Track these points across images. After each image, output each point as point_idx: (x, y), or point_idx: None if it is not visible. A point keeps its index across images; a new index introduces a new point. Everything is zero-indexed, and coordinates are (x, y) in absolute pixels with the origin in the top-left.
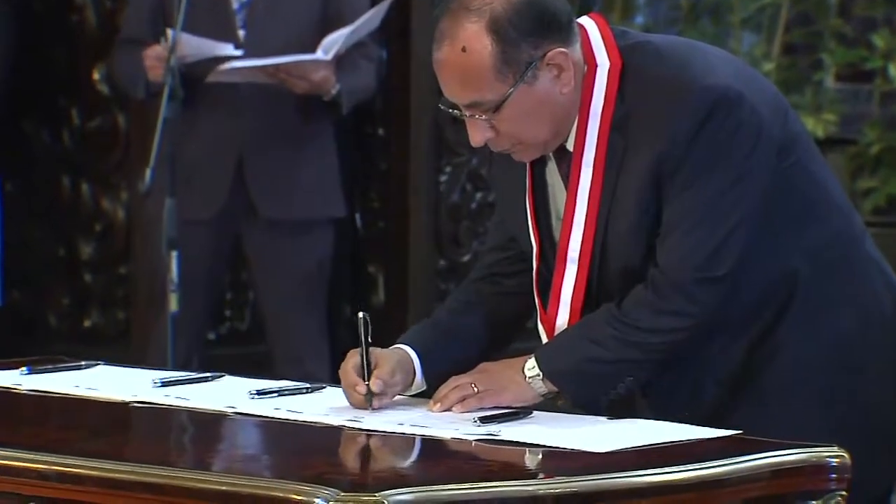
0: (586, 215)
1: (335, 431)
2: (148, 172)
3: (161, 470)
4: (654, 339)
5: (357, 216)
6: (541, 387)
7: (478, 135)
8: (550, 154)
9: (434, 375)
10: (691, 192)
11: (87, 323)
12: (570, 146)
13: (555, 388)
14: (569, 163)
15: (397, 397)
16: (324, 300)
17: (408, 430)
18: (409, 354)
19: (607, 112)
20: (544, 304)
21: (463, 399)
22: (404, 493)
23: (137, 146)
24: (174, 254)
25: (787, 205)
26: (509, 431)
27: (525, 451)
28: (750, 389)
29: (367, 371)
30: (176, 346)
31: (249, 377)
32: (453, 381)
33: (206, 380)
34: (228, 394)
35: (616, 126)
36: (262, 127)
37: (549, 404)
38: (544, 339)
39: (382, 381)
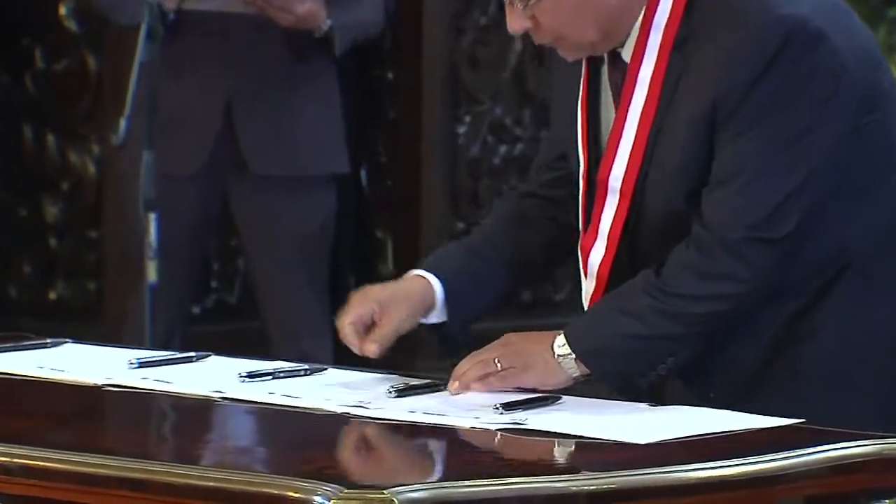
0: (634, 140)
1: (338, 420)
2: (122, 122)
3: (140, 463)
4: (698, 309)
5: (362, 172)
6: (572, 368)
7: (515, 23)
8: (605, 56)
9: (463, 309)
10: (750, 137)
11: (52, 295)
12: (626, 56)
13: (587, 370)
14: (623, 74)
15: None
16: (324, 269)
17: (420, 418)
18: (431, 286)
19: (671, 28)
20: (585, 228)
21: (484, 377)
22: (417, 490)
23: (110, 92)
24: (152, 215)
25: (857, 168)
26: (536, 420)
27: (554, 442)
28: (783, 367)
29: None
30: (155, 321)
31: (240, 357)
32: (474, 357)
33: (189, 360)
34: (216, 376)
35: (678, 45)
36: (254, 69)
37: (581, 388)
38: (581, 270)
39: (380, 345)
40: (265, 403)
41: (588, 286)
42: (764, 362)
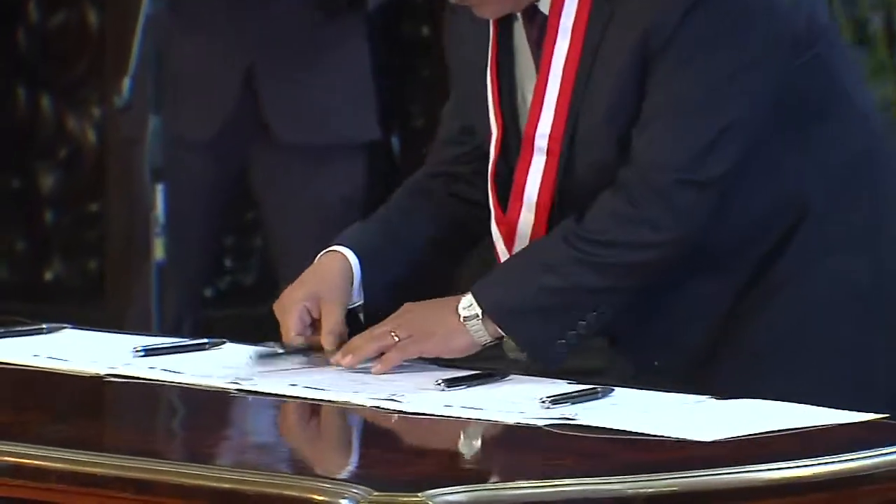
0: (559, 93)
1: (368, 414)
2: (126, 82)
3: (145, 462)
4: (622, 258)
5: (394, 139)
6: (480, 331)
7: None
8: (518, 15)
9: (375, 289)
10: (681, 75)
11: (48, 275)
12: (543, 7)
13: (500, 332)
14: (542, 27)
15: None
16: None
17: (458, 412)
18: (349, 261)
19: None
20: (503, 204)
21: (381, 352)
22: (455, 493)
23: (113, 48)
24: (160, 186)
25: (799, 107)
26: (587, 414)
27: (608, 439)
28: (741, 337)
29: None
30: (163, 304)
31: (257, 345)
32: (367, 332)
33: (202, 347)
34: (231, 366)
35: None
36: (277, 25)
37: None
38: (501, 250)
39: (336, 334)
40: (287, 396)
41: None
42: (714, 330)
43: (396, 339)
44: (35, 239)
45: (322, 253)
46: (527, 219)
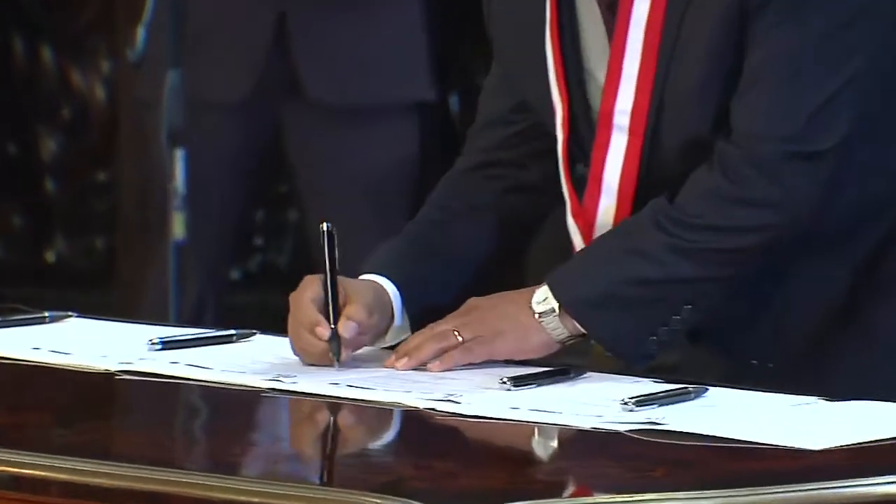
0: (640, 64)
1: (421, 418)
2: (140, 32)
3: (161, 473)
4: (723, 244)
5: (452, 99)
6: (558, 328)
7: None
8: None
9: (419, 315)
10: (786, 29)
11: (49, 255)
12: None
13: (580, 329)
14: None
15: (366, 350)
16: (403, 221)
17: (527, 416)
18: (383, 287)
19: None
20: (578, 194)
21: (442, 352)
22: None
23: None
24: (179, 153)
25: None
26: (677, 418)
27: (702, 447)
28: (860, 329)
29: (333, 307)
30: (182, 289)
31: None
32: (428, 330)
33: (229, 340)
34: (263, 361)
35: None
36: None
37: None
38: (578, 245)
39: (356, 322)
40: (326, 397)
41: None
42: (828, 322)
43: (460, 339)
44: (35, 213)
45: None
46: (607, 208)
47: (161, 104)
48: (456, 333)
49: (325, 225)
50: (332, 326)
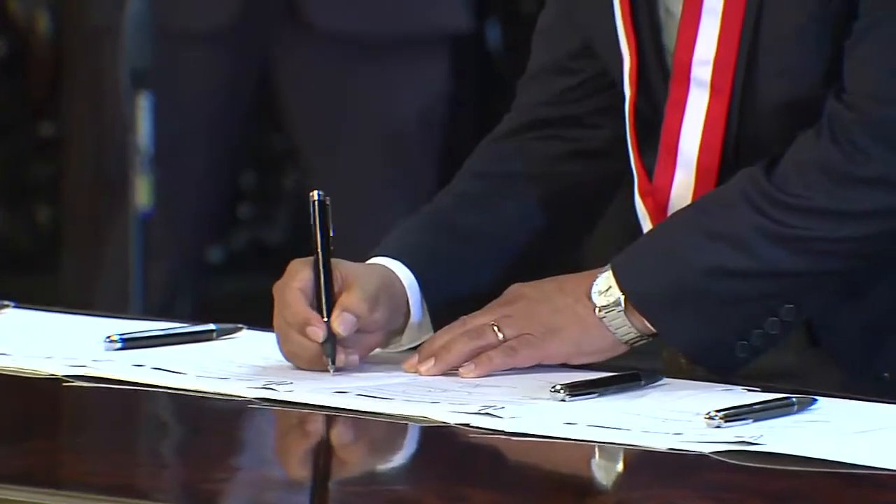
0: (724, 5)
1: (448, 435)
2: None
3: None
4: (835, 232)
5: (490, 29)
6: (623, 325)
7: None
8: None
9: (444, 311)
10: None
11: None
12: None
13: (650, 328)
14: None
15: (378, 352)
16: (432, 178)
17: (584, 433)
18: (394, 274)
19: None
20: (647, 165)
21: (478, 354)
22: None
23: None
24: (145, 98)
25: None
26: (777, 437)
27: (809, 473)
28: None
29: (326, 298)
30: (148, 272)
31: None
32: (459, 325)
33: (207, 336)
34: (250, 362)
35: None
36: None
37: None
38: (646, 229)
39: (354, 314)
40: (330, 409)
41: None
42: None
43: (501, 336)
44: None
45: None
46: (683, 184)
47: (120, 35)
48: (496, 329)
49: (315, 194)
50: (326, 320)
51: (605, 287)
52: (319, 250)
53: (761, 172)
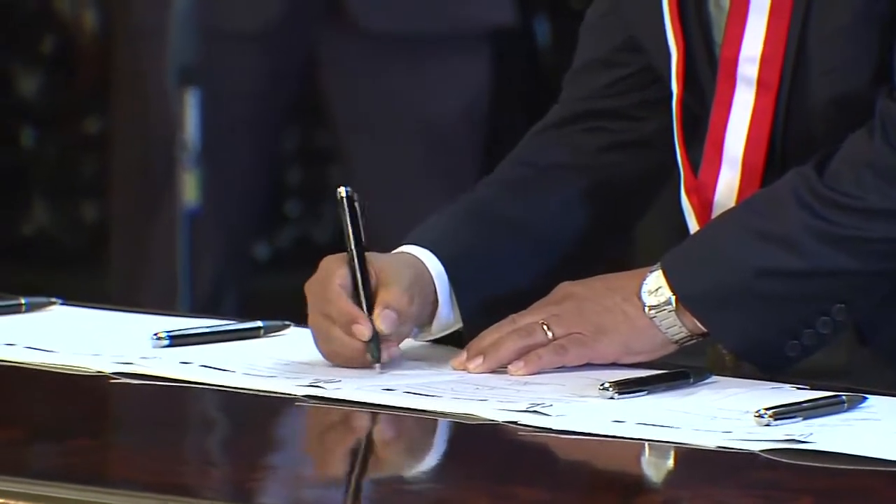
0: (771, 2)
1: (496, 433)
2: None
3: (168, 501)
4: (885, 230)
5: (537, 24)
6: (674, 325)
7: None
8: None
9: (479, 308)
10: None
11: (26, 227)
12: None
13: (701, 328)
14: None
15: (418, 346)
16: (473, 175)
17: (634, 431)
18: (422, 263)
19: None
20: (693, 161)
21: (527, 352)
22: None
23: None
24: (191, 95)
25: None
26: (827, 435)
27: (859, 471)
28: None
29: (365, 296)
30: (195, 270)
31: None
32: (508, 323)
33: (253, 333)
34: (298, 360)
35: None
36: None
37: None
38: (692, 226)
39: (396, 311)
40: (378, 406)
41: None
42: None
43: (550, 335)
44: (9, 172)
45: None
46: (728, 183)
47: (167, 34)
48: (545, 328)
49: (342, 190)
50: (369, 318)
51: (654, 287)
52: (353, 245)
53: (813, 171)
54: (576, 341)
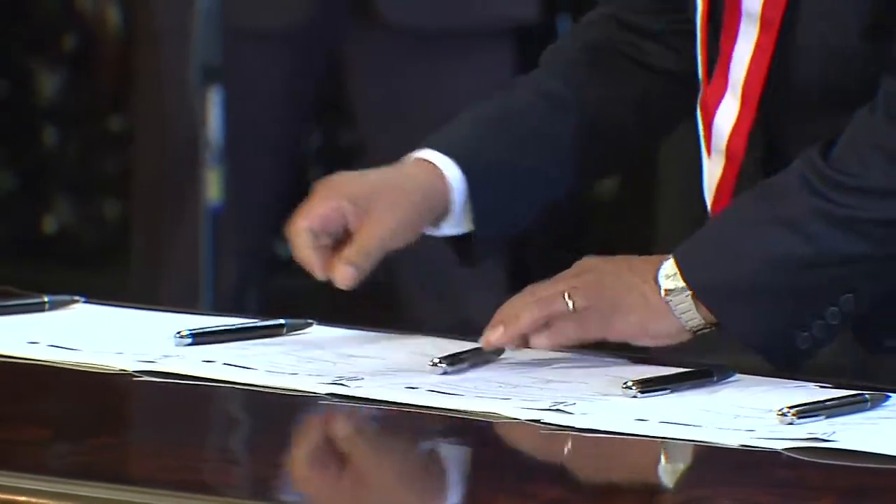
0: None
1: (522, 432)
2: None
3: (190, 499)
4: (891, 212)
5: (560, 20)
6: (688, 311)
7: None
8: None
9: (499, 214)
10: None
11: (48, 224)
12: None
13: (712, 318)
14: None
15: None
16: None
17: (657, 429)
18: (439, 172)
19: None
20: (709, 73)
21: (548, 322)
22: None
23: None
24: (215, 93)
25: None
26: (851, 434)
27: (883, 470)
28: None
29: None
30: (218, 267)
31: (355, 328)
32: (527, 294)
33: (276, 331)
34: (320, 358)
35: None
36: None
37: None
38: (702, 137)
39: (357, 269)
40: (400, 404)
41: (712, 169)
42: None
43: (571, 305)
44: (31, 170)
45: (411, 156)
46: (728, 109)
47: (190, 32)
48: (566, 296)
49: None
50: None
51: (671, 272)
52: None
53: (818, 154)
54: (595, 314)
